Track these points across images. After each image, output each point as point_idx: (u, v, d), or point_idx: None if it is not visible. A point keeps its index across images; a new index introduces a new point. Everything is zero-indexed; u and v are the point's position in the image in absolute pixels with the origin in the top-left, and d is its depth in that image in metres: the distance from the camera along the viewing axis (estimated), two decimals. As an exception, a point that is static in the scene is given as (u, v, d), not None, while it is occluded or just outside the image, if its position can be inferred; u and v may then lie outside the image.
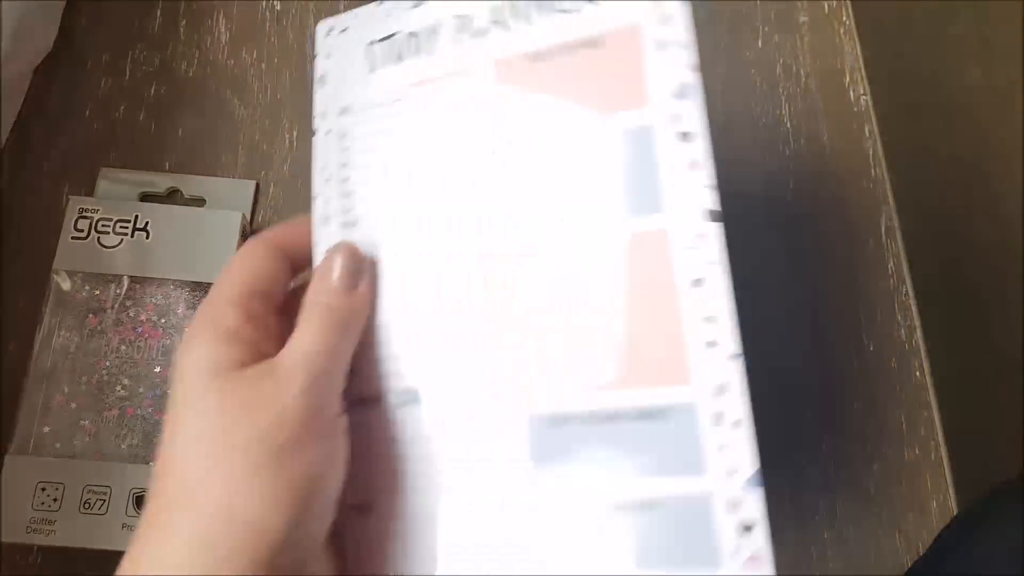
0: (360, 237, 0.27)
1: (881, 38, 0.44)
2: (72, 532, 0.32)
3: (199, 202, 0.39)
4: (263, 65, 0.42)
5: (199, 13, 0.43)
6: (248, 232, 0.38)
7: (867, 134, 0.41)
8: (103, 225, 0.36)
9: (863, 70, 0.42)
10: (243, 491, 0.22)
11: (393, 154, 0.27)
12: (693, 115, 0.24)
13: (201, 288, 0.36)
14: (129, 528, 0.32)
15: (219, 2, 0.43)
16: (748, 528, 0.22)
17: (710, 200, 0.24)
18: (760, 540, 0.22)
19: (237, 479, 0.22)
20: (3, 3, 0.37)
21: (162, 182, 0.39)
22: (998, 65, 1.20)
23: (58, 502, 0.32)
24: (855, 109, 0.41)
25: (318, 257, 0.27)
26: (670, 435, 0.23)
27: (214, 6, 0.43)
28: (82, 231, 0.36)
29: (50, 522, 0.32)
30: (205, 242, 0.36)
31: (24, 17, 0.38)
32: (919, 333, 0.38)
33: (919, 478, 0.35)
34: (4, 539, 0.32)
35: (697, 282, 0.24)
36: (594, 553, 0.23)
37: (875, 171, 0.41)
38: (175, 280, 0.36)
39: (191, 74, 0.41)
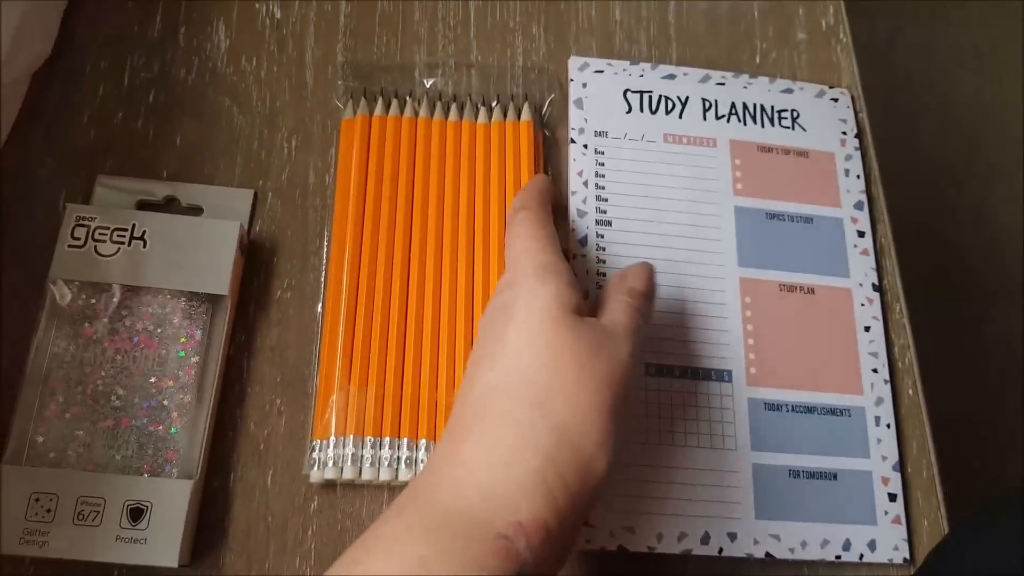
0: (612, 234, 0.37)
1: (874, 47, 0.44)
2: (65, 543, 0.31)
3: (196, 211, 0.38)
4: (262, 73, 0.41)
5: (199, 20, 0.42)
6: (245, 242, 0.37)
7: (867, 145, 0.41)
8: (100, 233, 0.35)
9: (860, 87, 0.43)
10: (584, 425, 0.26)
11: (640, 179, 0.39)
12: (866, 220, 0.39)
13: (198, 298, 0.35)
14: (123, 540, 0.31)
15: (219, 9, 0.42)
16: (893, 498, 0.35)
17: (874, 277, 0.38)
18: (900, 507, 0.34)
19: (583, 410, 0.26)
20: (4, 7, 0.37)
21: (160, 190, 0.38)
22: (992, 75, 1.21)
23: (52, 512, 0.31)
24: (859, 124, 0.41)
25: (575, 240, 0.37)
26: (848, 428, 0.35)
27: (214, 13, 0.42)
28: (79, 239, 0.35)
29: (43, 533, 0.31)
30: (202, 252, 0.35)
31: (23, 22, 0.37)
32: (912, 351, 0.38)
33: (910, 497, 0.35)
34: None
35: (867, 328, 0.37)
36: (794, 506, 0.34)
37: (872, 188, 0.41)
38: (171, 290, 0.35)
39: (190, 81, 0.40)
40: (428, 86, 0.41)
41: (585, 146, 0.39)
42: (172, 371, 0.34)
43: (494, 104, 0.40)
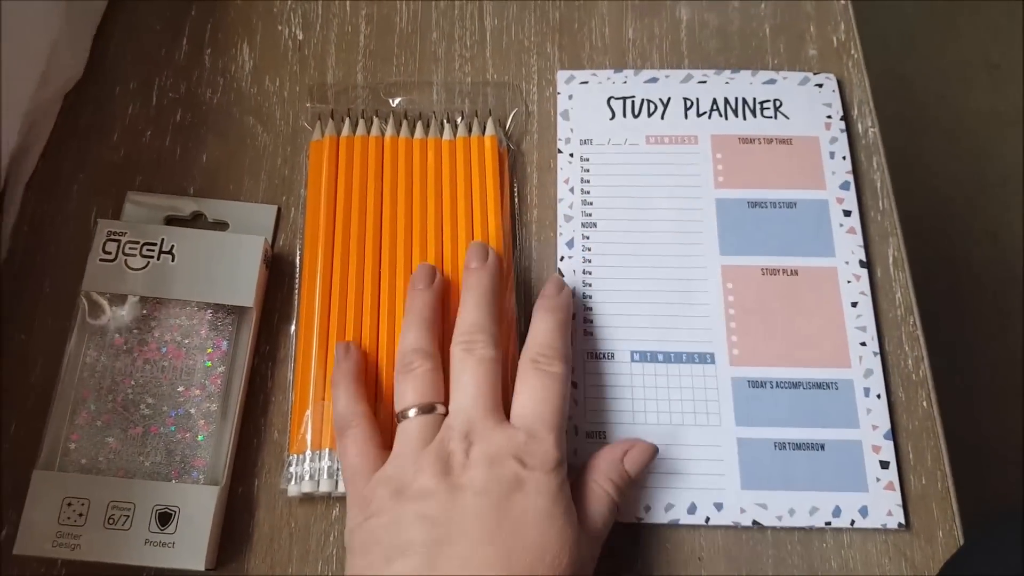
0: (597, 235, 0.39)
1: (885, 60, 0.45)
2: (96, 546, 0.32)
3: (222, 226, 0.39)
4: (285, 93, 0.42)
5: (223, 42, 0.43)
6: (269, 256, 0.38)
7: (875, 166, 0.41)
8: (130, 248, 0.36)
9: (871, 103, 0.43)
10: None
11: (624, 181, 0.40)
12: (852, 200, 0.40)
13: (223, 309, 0.36)
14: (152, 544, 0.32)
15: (243, 32, 0.44)
16: (885, 465, 0.36)
17: (861, 254, 0.39)
18: (893, 474, 0.35)
19: None
20: (39, 31, 0.38)
21: (186, 206, 0.39)
22: (1003, 89, 1.21)
23: (83, 517, 0.33)
24: (863, 142, 0.42)
25: (562, 243, 0.39)
26: (835, 400, 0.36)
27: (238, 36, 0.43)
28: (110, 253, 0.36)
29: (75, 536, 0.32)
30: (228, 265, 0.36)
31: (56, 45, 0.39)
32: (926, 363, 0.38)
33: (926, 508, 0.35)
34: (30, 552, 0.32)
35: (854, 304, 0.38)
36: (779, 476, 0.35)
37: (883, 202, 0.41)
38: (198, 302, 0.36)
39: (215, 101, 0.42)
40: (394, 105, 0.42)
41: (571, 155, 0.41)
42: (199, 380, 0.35)
43: (459, 120, 0.41)
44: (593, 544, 0.31)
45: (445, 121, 0.41)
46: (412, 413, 0.32)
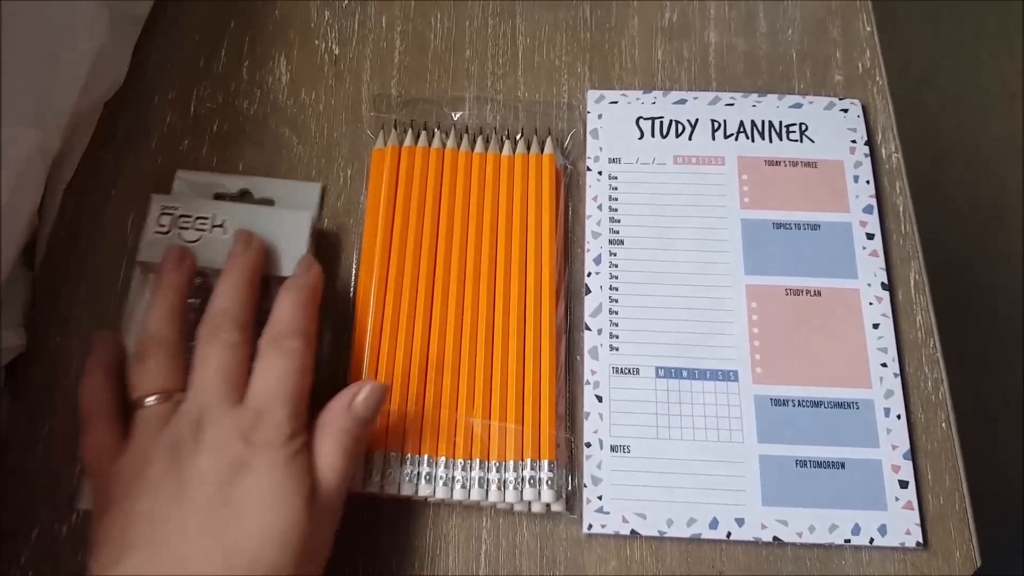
0: (624, 252, 0.40)
1: (907, 87, 0.46)
2: None
3: (268, 203, 0.41)
4: (320, 106, 0.44)
5: (261, 55, 0.45)
6: (316, 232, 0.40)
7: (898, 190, 0.42)
8: (184, 221, 0.38)
9: (895, 128, 0.44)
10: None
11: (651, 200, 0.42)
12: (875, 223, 0.41)
13: (274, 280, 0.37)
14: None
15: (280, 45, 0.45)
16: (904, 484, 0.37)
17: (883, 276, 0.40)
18: (912, 494, 0.36)
19: None
20: (84, 40, 0.40)
21: (234, 184, 0.41)
22: (1021, 118, 1.22)
23: None
24: (887, 166, 0.43)
25: (589, 259, 0.40)
26: (856, 420, 0.37)
27: (276, 49, 0.45)
28: (164, 226, 0.38)
29: None
30: (277, 239, 0.38)
31: (99, 54, 0.40)
32: (945, 386, 0.39)
33: (944, 528, 0.36)
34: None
35: (875, 325, 0.39)
36: (800, 493, 0.36)
37: (905, 226, 0.41)
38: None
39: (252, 112, 0.43)
40: (456, 119, 0.43)
41: (600, 173, 0.42)
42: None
43: (518, 137, 0.42)
44: (331, 504, 0.31)
45: (505, 137, 0.42)
46: (150, 401, 0.32)
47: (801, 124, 0.43)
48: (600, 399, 0.37)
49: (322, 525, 0.31)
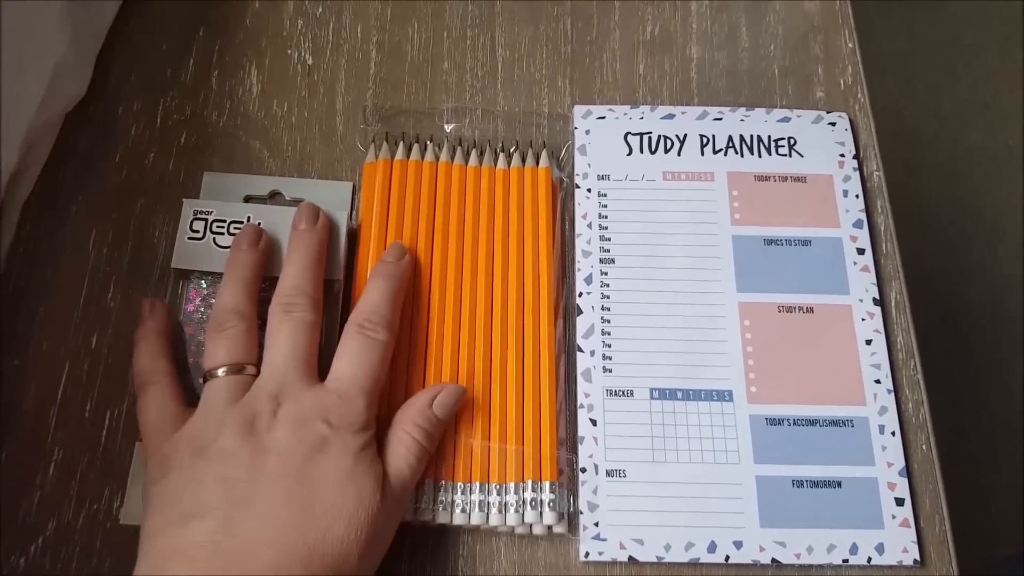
0: (615, 271, 0.40)
1: (883, 99, 0.46)
2: None
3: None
4: (293, 118, 0.42)
5: (231, 64, 0.43)
6: (352, 230, 0.39)
7: (879, 209, 0.42)
8: (217, 226, 0.37)
9: (876, 146, 0.44)
10: None
11: (641, 217, 0.41)
12: (865, 237, 0.41)
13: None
14: None
15: (251, 55, 0.43)
16: (900, 502, 0.36)
17: (875, 291, 0.40)
18: (908, 511, 0.36)
19: None
20: (42, 51, 0.38)
21: (262, 185, 0.40)
22: (997, 129, 1.24)
23: None
24: (868, 185, 0.42)
25: (580, 279, 0.40)
26: (852, 438, 0.37)
27: (246, 58, 0.43)
28: (198, 232, 0.37)
29: None
30: None
31: (59, 63, 0.39)
32: (926, 407, 0.39)
33: (924, 552, 0.36)
34: (135, 522, 0.32)
35: (868, 342, 0.39)
36: (797, 514, 0.36)
37: (886, 245, 0.41)
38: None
39: (222, 124, 0.42)
40: (448, 131, 0.42)
41: (589, 190, 0.41)
42: None
43: (513, 150, 0.42)
44: (399, 498, 0.32)
45: (499, 150, 0.42)
46: (221, 372, 0.32)
47: (790, 138, 0.43)
48: (594, 423, 0.37)
49: (389, 515, 0.31)
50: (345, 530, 0.29)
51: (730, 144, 0.43)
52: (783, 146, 0.43)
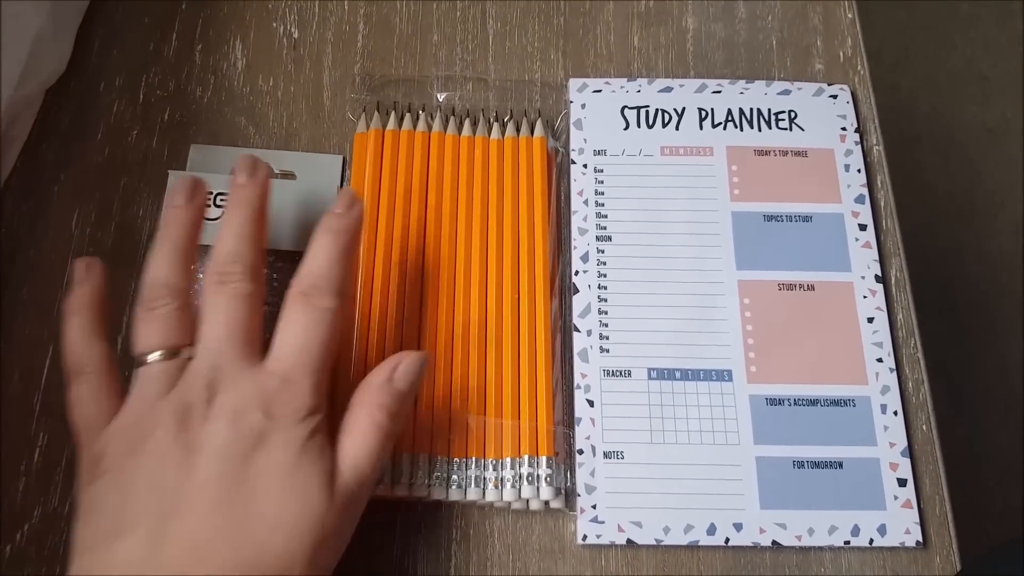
0: (612, 249, 0.39)
1: (879, 71, 0.45)
2: None
3: (289, 176, 0.39)
4: (279, 93, 0.41)
5: (215, 39, 0.42)
6: None
7: (879, 184, 0.41)
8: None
9: (876, 120, 0.43)
10: None
11: (639, 193, 0.40)
12: (867, 213, 0.40)
13: (302, 257, 0.35)
14: None
15: (236, 28, 0.42)
16: (903, 483, 0.36)
17: (877, 268, 0.39)
18: (911, 492, 0.36)
19: None
20: (19, 24, 0.37)
21: None
22: (995, 101, 1.23)
23: None
24: (869, 159, 0.42)
25: (576, 257, 0.39)
26: (853, 417, 0.37)
27: (231, 32, 0.42)
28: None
29: None
30: (304, 213, 0.37)
31: (37, 38, 0.38)
32: (926, 386, 0.38)
33: (925, 533, 0.35)
34: None
35: (870, 319, 0.39)
36: (798, 495, 0.35)
37: (886, 222, 0.41)
38: (274, 250, 0.36)
39: (206, 100, 0.41)
40: (441, 100, 0.41)
41: (585, 165, 0.40)
42: None
43: (507, 120, 0.41)
44: (355, 494, 0.29)
45: (493, 120, 0.41)
46: (153, 357, 0.29)
47: (791, 112, 0.42)
48: (591, 403, 0.36)
49: (342, 515, 0.28)
50: (285, 542, 0.26)
51: (729, 118, 0.42)
52: (783, 120, 0.42)
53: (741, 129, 0.42)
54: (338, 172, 0.40)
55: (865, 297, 0.39)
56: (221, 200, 0.36)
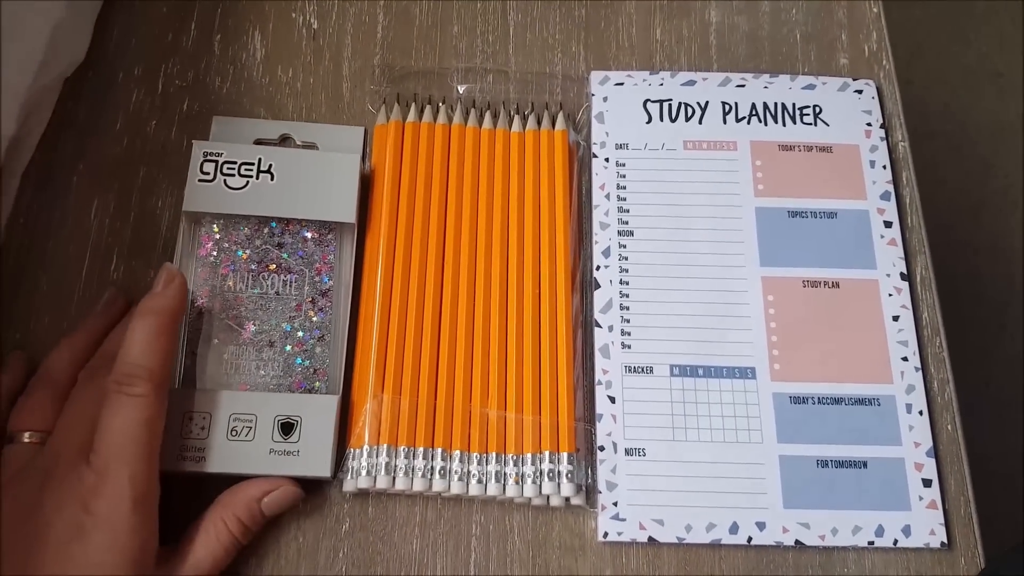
0: (634, 244, 0.38)
1: (896, 66, 0.44)
2: (222, 458, 0.32)
3: (311, 147, 0.39)
4: (298, 84, 0.41)
5: (234, 28, 0.42)
6: (365, 175, 0.38)
7: (905, 181, 0.41)
8: (228, 168, 0.36)
9: (901, 116, 0.42)
10: None
11: (661, 188, 0.39)
12: (893, 210, 0.40)
13: (327, 227, 0.37)
14: (276, 453, 0.33)
15: (255, 18, 0.42)
16: (928, 483, 0.35)
17: (902, 266, 0.39)
18: (935, 492, 0.35)
19: None
20: (39, 14, 0.37)
21: (273, 129, 0.39)
22: (1009, 98, 1.22)
23: (205, 430, 0.33)
24: (894, 156, 0.41)
25: (598, 252, 0.38)
26: (878, 417, 0.36)
27: (250, 22, 0.42)
28: (208, 174, 0.36)
29: (200, 449, 0.32)
30: (326, 183, 0.36)
31: (57, 28, 0.37)
32: (951, 386, 0.38)
33: (950, 534, 0.35)
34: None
35: (895, 318, 0.38)
36: (822, 494, 0.35)
37: (912, 219, 0.40)
38: (303, 220, 0.36)
39: (225, 90, 0.40)
40: (461, 92, 0.41)
41: (607, 159, 0.40)
42: (309, 295, 0.36)
43: (528, 112, 0.40)
44: None
45: (514, 112, 0.40)
46: (25, 437, 0.31)
47: (815, 106, 0.41)
48: (613, 400, 0.36)
49: None
50: None
51: (753, 112, 0.41)
52: (808, 114, 0.41)
53: (765, 124, 0.41)
54: (360, 143, 0.40)
55: (890, 295, 0.38)
56: (246, 169, 0.36)
